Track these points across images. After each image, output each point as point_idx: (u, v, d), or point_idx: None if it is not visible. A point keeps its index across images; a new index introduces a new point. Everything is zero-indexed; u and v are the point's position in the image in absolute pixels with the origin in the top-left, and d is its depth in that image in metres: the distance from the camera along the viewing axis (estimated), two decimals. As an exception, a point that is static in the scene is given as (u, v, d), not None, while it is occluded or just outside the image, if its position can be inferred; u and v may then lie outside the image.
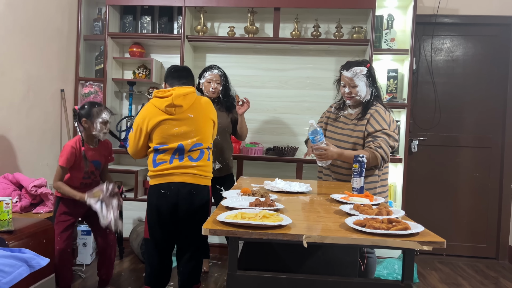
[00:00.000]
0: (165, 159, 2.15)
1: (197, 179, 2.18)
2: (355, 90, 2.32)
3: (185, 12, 3.56)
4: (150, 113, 2.16)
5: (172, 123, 2.14)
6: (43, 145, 3.34)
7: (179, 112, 2.15)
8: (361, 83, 2.30)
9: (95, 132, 2.44)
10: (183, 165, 2.15)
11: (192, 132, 2.16)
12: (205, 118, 2.23)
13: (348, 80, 2.32)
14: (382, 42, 3.53)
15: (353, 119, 2.37)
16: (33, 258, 1.67)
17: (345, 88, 2.35)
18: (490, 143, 3.80)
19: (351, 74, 2.30)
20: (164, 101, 2.14)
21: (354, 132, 2.33)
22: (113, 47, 3.76)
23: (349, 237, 1.31)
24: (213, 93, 2.96)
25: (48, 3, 3.34)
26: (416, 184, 3.81)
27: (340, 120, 2.43)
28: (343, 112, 2.44)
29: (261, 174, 3.71)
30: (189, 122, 2.16)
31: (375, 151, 2.19)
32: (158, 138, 2.14)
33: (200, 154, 2.19)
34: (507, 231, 3.74)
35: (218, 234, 1.33)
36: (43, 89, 3.32)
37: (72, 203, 2.46)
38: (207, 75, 2.99)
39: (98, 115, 2.43)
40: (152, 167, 2.18)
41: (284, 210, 1.64)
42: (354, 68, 2.30)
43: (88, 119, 2.43)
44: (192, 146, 2.16)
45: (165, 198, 2.15)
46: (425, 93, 3.82)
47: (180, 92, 2.15)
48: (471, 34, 3.79)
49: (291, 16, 3.68)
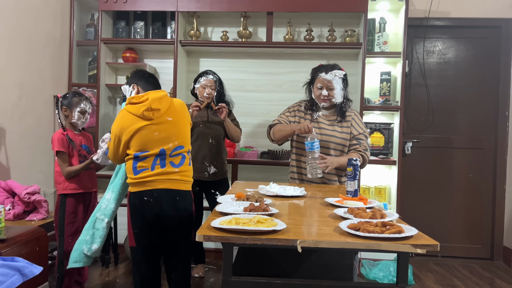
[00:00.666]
0: (146, 166, 2.08)
1: (180, 184, 2.14)
2: (332, 93, 2.41)
3: (178, 17, 3.56)
4: (126, 121, 2.09)
5: (151, 128, 2.07)
6: (36, 152, 3.31)
7: (157, 116, 2.09)
8: (338, 86, 2.41)
9: (73, 120, 2.58)
10: (166, 171, 2.10)
11: (173, 135, 2.11)
12: (184, 120, 2.20)
13: (327, 82, 2.41)
14: (375, 45, 3.55)
15: (332, 120, 2.48)
16: (26, 266, 1.65)
17: (321, 90, 2.43)
18: (483, 144, 3.82)
19: (330, 77, 2.39)
20: (141, 107, 2.07)
21: (340, 134, 2.46)
22: (106, 52, 3.75)
23: (343, 241, 1.31)
24: (207, 98, 2.95)
25: (40, 9, 3.33)
26: (411, 186, 3.83)
27: (319, 121, 2.49)
28: (318, 113, 2.50)
29: (256, 178, 3.71)
30: (169, 126, 2.11)
31: (364, 154, 2.41)
32: (137, 145, 2.08)
33: (182, 159, 2.15)
34: (501, 232, 3.76)
35: (212, 240, 1.32)
36: (36, 95, 3.30)
37: (76, 200, 2.53)
38: (202, 81, 2.99)
39: (77, 104, 2.57)
40: (133, 175, 2.10)
41: (278, 214, 1.64)
42: (334, 71, 2.40)
43: (67, 107, 2.58)
44: (174, 149, 2.11)
45: (149, 205, 2.09)
46: (418, 95, 3.85)
47: (156, 96, 2.09)
48: (463, 37, 3.82)
49: (284, 20, 3.69)
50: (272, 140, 2.54)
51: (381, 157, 3.53)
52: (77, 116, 2.58)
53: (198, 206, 3.02)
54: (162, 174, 2.09)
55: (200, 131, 2.97)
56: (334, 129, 2.47)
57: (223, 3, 3.51)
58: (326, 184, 2.48)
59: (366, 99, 3.53)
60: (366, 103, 3.51)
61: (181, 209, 2.15)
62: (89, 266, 3.21)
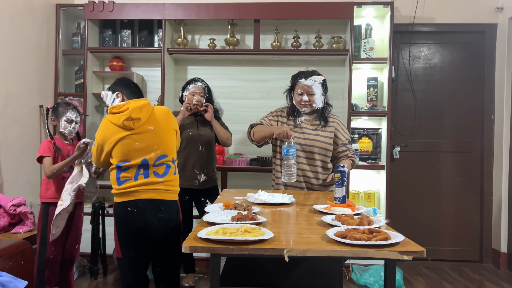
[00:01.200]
0: (129, 176, 2.05)
1: (164, 194, 2.10)
2: (313, 98, 2.46)
3: (165, 25, 3.56)
4: (108, 131, 2.06)
5: (132, 137, 2.04)
6: (22, 162, 3.27)
7: (138, 125, 2.05)
8: (318, 91, 2.46)
9: (61, 130, 2.60)
10: (149, 181, 2.06)
11: (155, 144, 2.07)
12: (167, 129, 2.15)
13: (306, 88, 2.46)
14: (361, 51, 3.58)
15: (315, 125, 2.53)
16: (11, 281, 1.63)
17: (302, 96, 2.47)
18: (470, 148, 3.87)
19: (310, 82, 2.45)
20: (121, 116, 2.04)
21: (324, 138, 2.50)
22: (93, 61, 3.73)
23: (330, 249, 1.31)
24: (197, 105, 2.95)
25: (25, 18, 3.30)
26: (399, 190, 3.85)
27: (302, 126, 2.52)
28: (300, 119, 2.54)
29: (245, 185, 3.70)
30: (150, 135, 2.07)
31: (354, 159, 2.51)
32: (119, 155, 2.05)
33: (166, 169, 2.11)
34: (490, 234, 3.80)
35: (198, 251, 1.31)
36: (21, 105, 3.26)
37: None
38: (191, 88, 2.99)
39: (63, 113, 2.60)
40: (117, 185, 2.08)
41: (266, 223, 1.63)
42: (313, 76, 2.45)
43: (55, 117, 2.62)
44: (156, 159, 2.07)
45: (133, 215, 2.06)
46: (405, 100, 3.88)
47: (137, 105, 2.06)
48: (447, 42, 3.87)
49: (271, 28, 3.71)
50: (252, 140, 2.55)
51: (370, 162, 3.55)
52: (63, 125, 2.60)
53: (187, 215, 2.99)
54: (146, 185, 2.06)
55: (189, 138, 2.95)
56: (317, 134, 2.50)
57: (210, 11, 3.52)
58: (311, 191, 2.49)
59: (353, 105, 3.55)
60: (354, 109, 3.53)
61: (166, 219, 2.12)
62: (77, 277, 3.17)
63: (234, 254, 1.31)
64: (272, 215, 1.82)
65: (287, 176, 2.31)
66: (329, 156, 2.51)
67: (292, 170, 2.29)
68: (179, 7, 3.53)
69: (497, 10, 3.72)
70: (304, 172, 2.48)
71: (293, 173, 2.29)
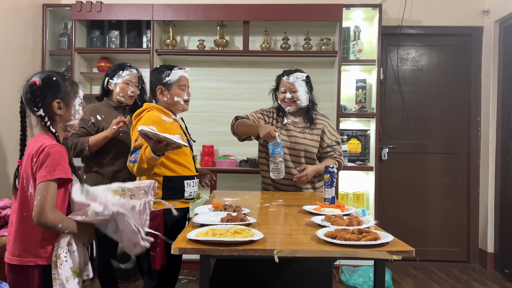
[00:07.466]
0: None
1: None
2: (296, 95, 2.46)
3: (154, 26, 3.53)
4: None
5: None
6: (6, 165, 3.21)
7: None
8: (301, 89, 2.46)
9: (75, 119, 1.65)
10: None
11: None
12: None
13: (289, 85, 2.46)
14: (350, 53, 3.60)
15: (302, 127, 2.51)
16: None
17: (285, 94, 2.47)
18: (456, 149, 3.91)
19: (292, 79, 2.46)
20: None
21: (311, 141, 2.48)
22: (81, 62, 3.68)
23: (320, 250, 1.31)
24: (131, 98, 2.48)
25: (11, 18, 3.24)
26: (388, 191, 3.88)
27: (289, 128, 2.51)
28: (287, 120, 2.53)
29: (235, 187, 3.69)
30: None
31: (340, 159, 2.47)
32: None
33: None
34: (477, 234, 3.85)
35: (188, 253, 1.30)
36: (6, 106, 3.21)
37: None
38: (125, 75, 2.44)
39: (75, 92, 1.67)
40: None
41: (256, 224, 1.63)
42: (295, 73, 2.47)
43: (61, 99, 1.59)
44: None
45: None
46: (393, 101, 3.92)
47: None
48: (435, 44, 3.92)
49: (261, 29, 3.71)
50: (234, 132, 2.51)
51: (359, 163, 3.57)
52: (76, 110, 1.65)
53: None
54: None
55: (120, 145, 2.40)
56: (304, 137, 2.48)
57: (199, 12, 3.51)
58: (299, 192, 2.48)
59: (342, 107, 3.57)
60: (343, 110, 3.55)
61: None
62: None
63: (224, 255, 1.30)
64: (262, 215, 1.82)
65: (276, 173, 2.29)
66: (314, 158, 2.49)
67: (279, 166, 2.28)
68: (167, 8, 3.51)
69: (483, 13, 3.78)
70: (289, 169, 2.43)
71: (280, 169, 2.28)
